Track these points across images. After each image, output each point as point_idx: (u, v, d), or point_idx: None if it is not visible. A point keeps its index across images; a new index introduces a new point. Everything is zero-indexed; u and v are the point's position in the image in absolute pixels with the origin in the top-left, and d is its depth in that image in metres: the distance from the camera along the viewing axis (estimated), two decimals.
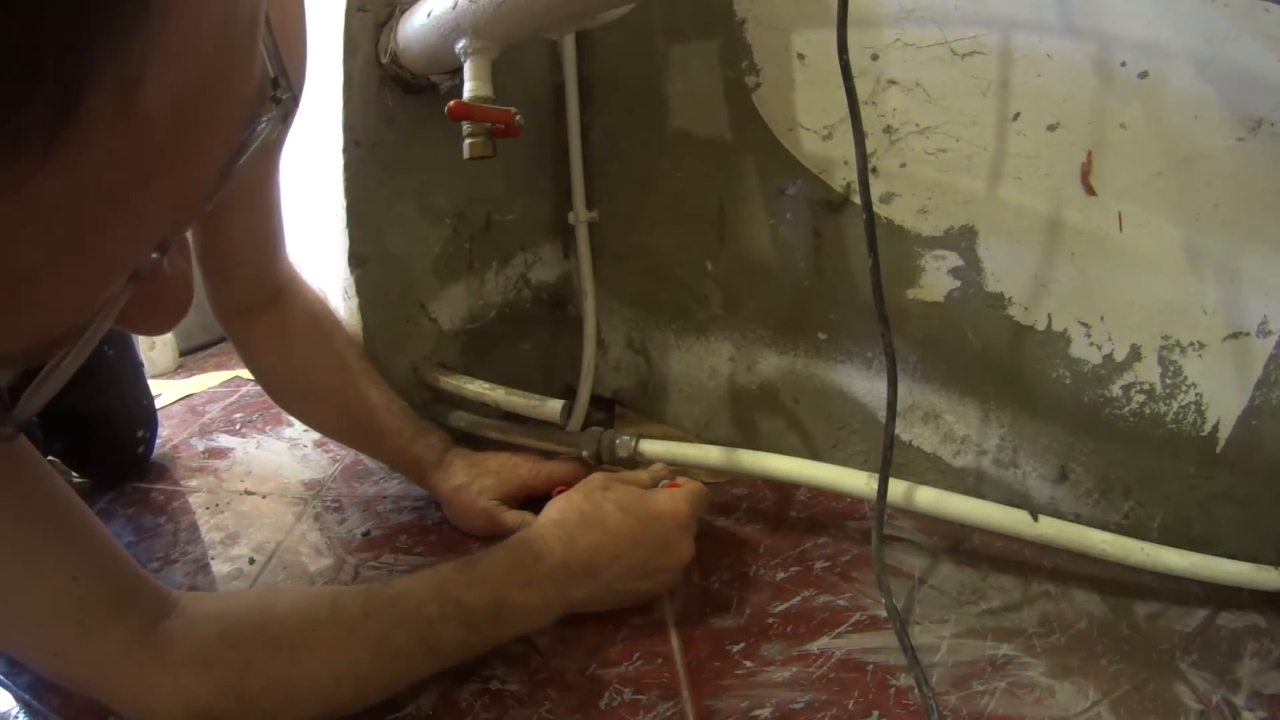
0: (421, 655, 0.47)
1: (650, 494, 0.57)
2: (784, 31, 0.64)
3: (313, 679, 0.44)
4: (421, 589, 0.48)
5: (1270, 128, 0.47)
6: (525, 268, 0.86)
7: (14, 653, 0.46)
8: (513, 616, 0.50)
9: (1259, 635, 0.51)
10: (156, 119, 0.17)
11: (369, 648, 0.45)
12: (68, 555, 0.41)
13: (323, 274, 0.74)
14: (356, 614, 0.46)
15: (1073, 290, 0.57)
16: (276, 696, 0.43)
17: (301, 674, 0.44)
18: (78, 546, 0.42)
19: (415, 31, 0.60)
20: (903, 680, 0.49)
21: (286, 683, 0.43)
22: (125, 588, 0.43)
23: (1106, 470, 0.60)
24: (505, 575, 0.50)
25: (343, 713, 0.45)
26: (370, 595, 0.47)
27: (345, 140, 0.66)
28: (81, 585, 0.41)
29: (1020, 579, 0.58)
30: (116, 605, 0.42)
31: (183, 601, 0.45)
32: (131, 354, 0.83)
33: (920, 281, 0.64)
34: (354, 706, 0.46)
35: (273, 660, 0.43)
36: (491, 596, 0.49)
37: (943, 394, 0.66)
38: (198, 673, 0.42)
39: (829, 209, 0.66)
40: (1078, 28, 0.52)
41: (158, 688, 0.42)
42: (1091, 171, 0.54)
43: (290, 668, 0.44)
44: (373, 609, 0.47)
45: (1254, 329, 0.52)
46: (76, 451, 0.77)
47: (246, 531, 0.69)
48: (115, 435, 0.78)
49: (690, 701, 0.48)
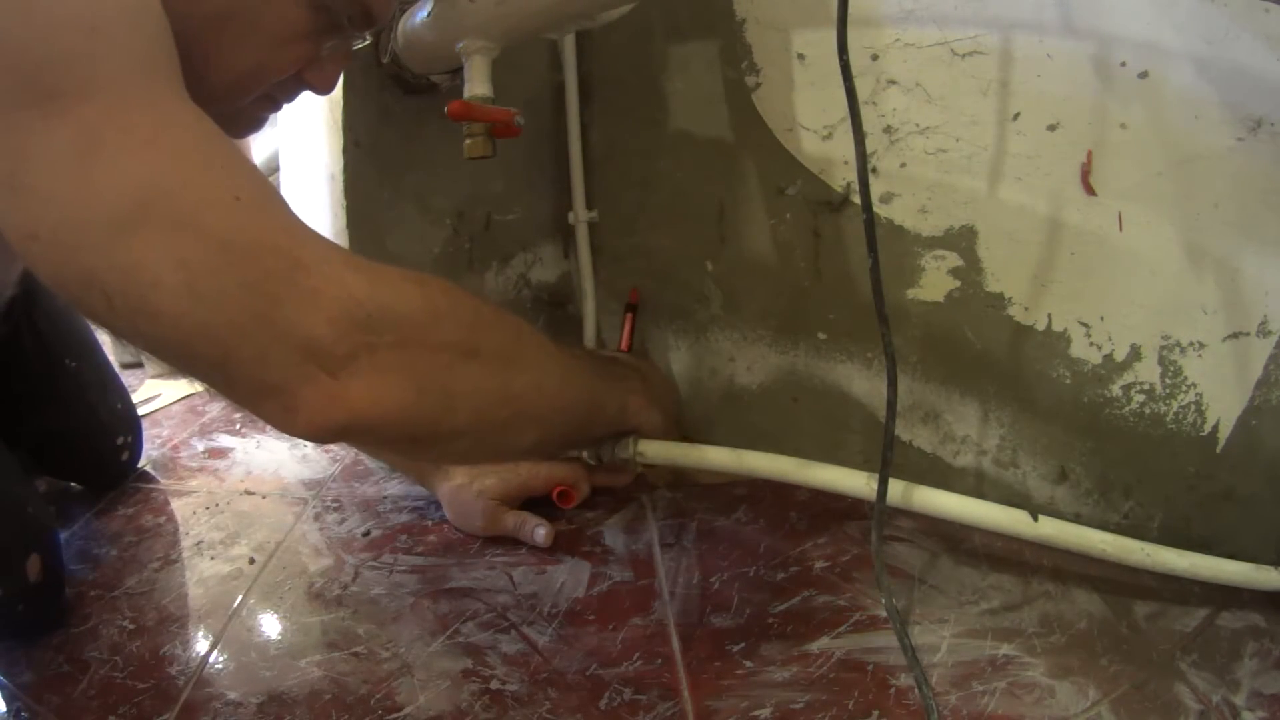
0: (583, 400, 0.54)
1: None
2: (784, 31, 0.64)
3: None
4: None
5: (1270, 128, 0.47)
6: (525, 268, 0.86)
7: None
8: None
9: (1259, 635, 0.51)
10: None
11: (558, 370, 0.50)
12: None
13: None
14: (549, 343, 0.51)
15: (1073, 290, 0.57)
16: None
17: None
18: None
19: (415, 31, 0.60)
20: (903, 680, 0.49)
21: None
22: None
23: (1106, 470, 0.60)
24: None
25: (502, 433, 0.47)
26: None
27: (345, 140, 0.66)
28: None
29: (1020, 579, 0.58)
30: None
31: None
32: (97, 363, 0.79)
33: (920, 281, 0.64)
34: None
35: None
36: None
37: (943, 394, 0.66)
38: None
39: (829, 209, 0.66)
40: (1078, 28, 0.52)
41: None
42: (1091, 171, 0.54)
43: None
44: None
45: (1254, 329, 0.52)
46: (61, 470, 0.76)
47: (246, 531, 0.69)
48: (94, 448, 0.76)
49: (690, 701, 0.48)
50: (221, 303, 0.35)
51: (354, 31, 0.48)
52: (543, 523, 0.64)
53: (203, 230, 0.34)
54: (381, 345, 0.38)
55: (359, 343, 0.37)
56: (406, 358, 0.39)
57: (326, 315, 0.36)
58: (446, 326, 0.42)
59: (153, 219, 0.34)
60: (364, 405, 0.38)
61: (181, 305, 0.34)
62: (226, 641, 0.54)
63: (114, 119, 0.34)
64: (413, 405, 0.40)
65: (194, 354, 0.36)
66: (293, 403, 0.37)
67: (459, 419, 0.43)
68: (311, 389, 0.37)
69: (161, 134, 0.35)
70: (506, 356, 0.46)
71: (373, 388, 0.38)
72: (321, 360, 0.36)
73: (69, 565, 0.63)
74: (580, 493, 0.69)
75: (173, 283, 0.34)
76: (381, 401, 0.39)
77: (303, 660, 0.52)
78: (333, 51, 0.49)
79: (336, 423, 0.38)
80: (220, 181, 0.36)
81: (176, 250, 0.34)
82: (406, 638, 0.54)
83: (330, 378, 0.37)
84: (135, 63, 0.35)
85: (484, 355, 0.44)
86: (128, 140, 0.34)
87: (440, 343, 0.41)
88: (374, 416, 0.39)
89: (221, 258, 0.35)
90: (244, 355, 0.36)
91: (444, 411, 0.42)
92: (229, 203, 0.35)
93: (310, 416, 0.37)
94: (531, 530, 0.64)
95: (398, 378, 0.39)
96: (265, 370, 0.36)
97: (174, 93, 0.37)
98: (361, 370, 0.37)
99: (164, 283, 0.34)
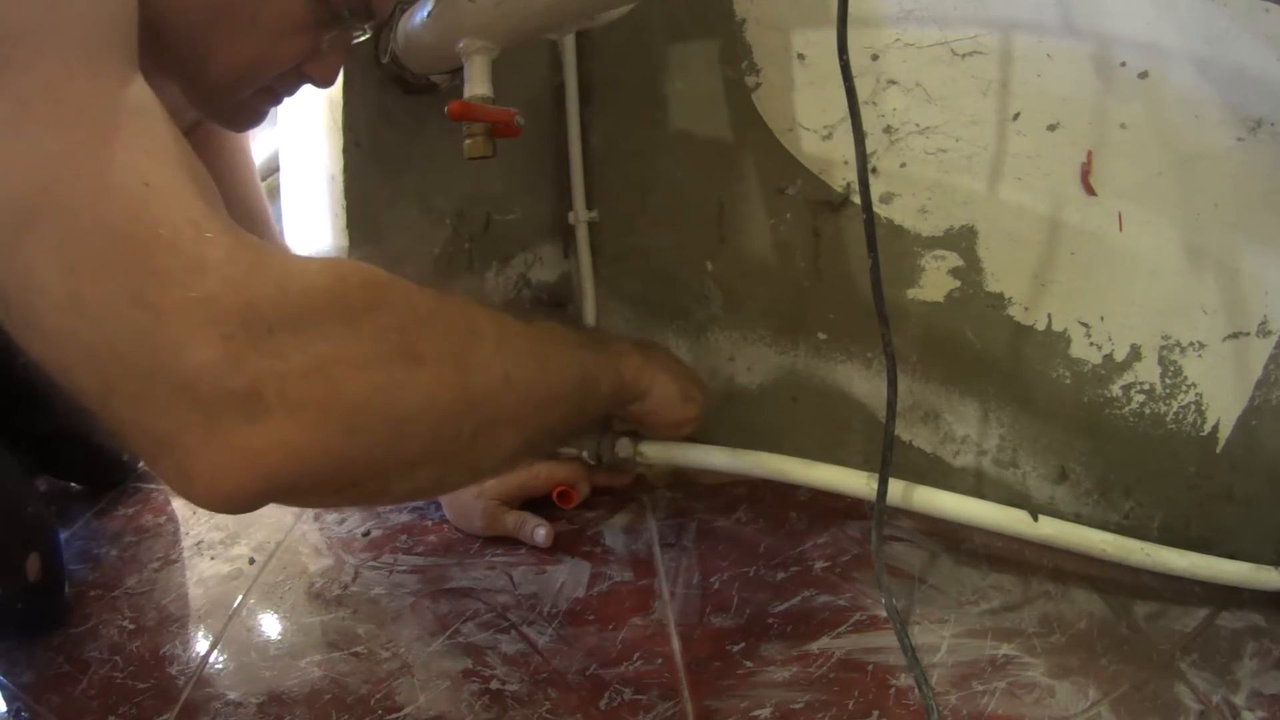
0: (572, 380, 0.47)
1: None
2: (784, 31, 0.64)
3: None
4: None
5: (1270, 128, 0.47)
6: (525, 268, 0.86)
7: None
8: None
9: (1259, 635, 0.51)
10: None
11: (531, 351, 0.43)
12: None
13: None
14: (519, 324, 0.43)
15: (1073, 290, 0.57)
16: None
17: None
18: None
19: (415, 31, 0.60)
20: (903, 680, 0.49)
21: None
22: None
23: (1106, 470, 0.60)
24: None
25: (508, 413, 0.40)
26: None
27: (345, 140, 0.66)
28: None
29: (1020, 579, 0.58)
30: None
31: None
32: None
33: (920, 281, 0.64)
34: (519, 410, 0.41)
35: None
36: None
37: (943, 394, 0.66)
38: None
39: (829, 209, 0.66)
40: (1078, 28, 0.52)
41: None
42: (1091, 171, 0.54)
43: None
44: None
45: (1254, 329, 0.52)
46: (61, 470, 0.76)
47: (246, 531, 0.69)
48: (95, 448, 0.75)
49: (690, 701, 0.48)
50: (103, 319, 0.28)
51: (354, 24, 0.48)
52: (543, 523, 0.64)
53: (99, 222, 0.29)
54: (290, 373, 0.30)
55: (261, 371, 0.29)
56: (326, 385, 0.31)
57: (219, 332, 0.28)
58: (374, 333, 0.33)
59: (53, 207, 0.28)
60: (277, 459, 0.29)
61: (65, 320, 0.28)
62: (226, 641, 0.54)
63: (49, 92, 0.30)
64: (342, 445, 0.31)
65: (78, 386, 0.29)
66: (187, 462, 0.29)
67: (411, 447, 0.35)
68: (207, 442, 0.29)
69: (88, 109, 0.30)
70: (458, 353, 0.37)
71: (286, 432, 0.29)
72: (214, 399, 0.28)
73: (69, 565, 0.62)
74: (580, 493, 0.69)
75: (58, 291, 0.28)
76: (301, 449, 0.30)
77: (303, 660, 0.52)
78: (333, 44, 0.48)
79: (243, 487, 0.29)
80: (135, 163, 0.30)
81: (69, 249, 0.28)
82: (406, 638, 0.54)
83: (228, 424, 0.28)
84: (88, 38, 0.31)
85: (429, 358, 0.35)
86: (53, 114, 0.29)
87: (370, 356, 0.33)
88: (295, 470, 0.30)
89: (112, 257, 0.28)
90: (127, 392, 0.29)
91: (389, 444, 0.33)
92: (136, 189, 0.29)
93: (211, 480, 0.29)
94: (531, 530, 0.64)
95: (319, 415, 0.30)
96: (150, 415, 0.29)
97: (121, 66, 0.32)
98: (269, 410, 0.29)
99: (50, 289, 0.28)
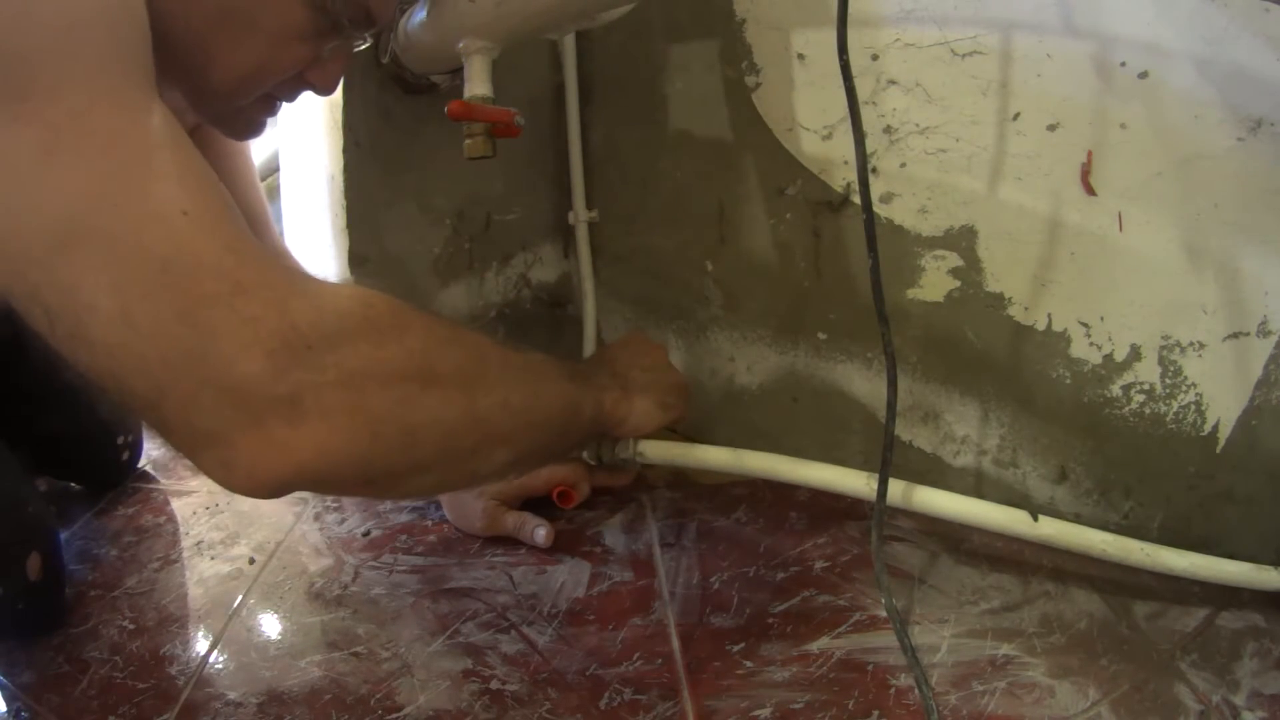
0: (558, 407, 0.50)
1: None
2: (784, 31, 0.64)
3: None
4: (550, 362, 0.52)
5: (1270, 128, 0.47)
6: (525, 268, 0.86)
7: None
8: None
9: (1259, 635, 0.51)
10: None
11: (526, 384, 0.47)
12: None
13: (322, 274, 0.74)
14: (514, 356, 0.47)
15: (1073, 290, 0.57)
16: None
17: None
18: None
19: (415, 31, 0.60)
20: (903, 680, 0.49)
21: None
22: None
23: (1106, 470, 0.60)
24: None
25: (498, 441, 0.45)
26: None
27: (345, 140, 0.66)
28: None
29: (1020, 579, 0.58)
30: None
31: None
32: None
33: (920, 281, 0.64)
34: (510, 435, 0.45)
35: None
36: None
37: (943, 394, 0.66)
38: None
39: (829, 209, 0.66)
40: (1078, 28, 0.52)
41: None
42: (1091, 171, 0.54)
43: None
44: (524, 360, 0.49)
45: (1254, 329, 0.52)
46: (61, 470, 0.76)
47: (246, 531, 0.69)
48: (95, 448, 0.76)
49: (690, 701, 0.48)
50: (155, 334, 0.32)
51: (354, 33, 0.48)
52: (543, 523, 0.64)
53: (143, 248, 0.32)
54: (326, 384, 0.35)
55: (301, 382, 0.34)
56: (355, 396, 0.36)
57: (265, 348, 0.33)
58: (398, 354, 0.38)
59: (95, 233, 0.32)
60: (309, 455, 0.35)
61: (116, 334, 0.32)
62: (226, 641, 0.54)
63: (77, 121, 0.32)
64: (366, 448, 0.37)
65: (130, 391, 0.33)
66: (230, 455, 0.34)
67: (421, 453, 0.40)
68: (250, 438, 0.34)
69: (119, 139, 0.33)
70: (468, 377, 0.42)
71: (319, 433, 0.35)
72: (259, 404, 0.33)
73: (69, 565, 0.62)
74: (580, 493, 0.69)
75: (108, 308, 0.32)
76: (330, 449, 0.35)
77: (303, 660, 0.52)
78: (334, 52, 0.48)
79: (279, 477, 0.35)
80: (171, 193, 0.33)
81: (114, 271, 0.32)
82: (406, 638, 0.54)
83: (270, 425, 0.34)
84: (109, 63, 0.33)
85: (443, 380, 0.40)
86: (85, 145, 0.32)
87: (393, 373, 0.38)
88: (323, 466, 0.35)
89: (159, 279, 0.32)
90: (178, 396, 0.33)
91: (404, 449, 0.39)
92: (175, 217, 0.33)
93: (250, 470, 0.34)
94: (531, 530, 0.64)
95: (348, 420, 0.36)
96: (199, 415, 0.33)
97: (144, 95, 0.35)
98: (306, 414, 0.34)
99: (100, 307, 0.32)
